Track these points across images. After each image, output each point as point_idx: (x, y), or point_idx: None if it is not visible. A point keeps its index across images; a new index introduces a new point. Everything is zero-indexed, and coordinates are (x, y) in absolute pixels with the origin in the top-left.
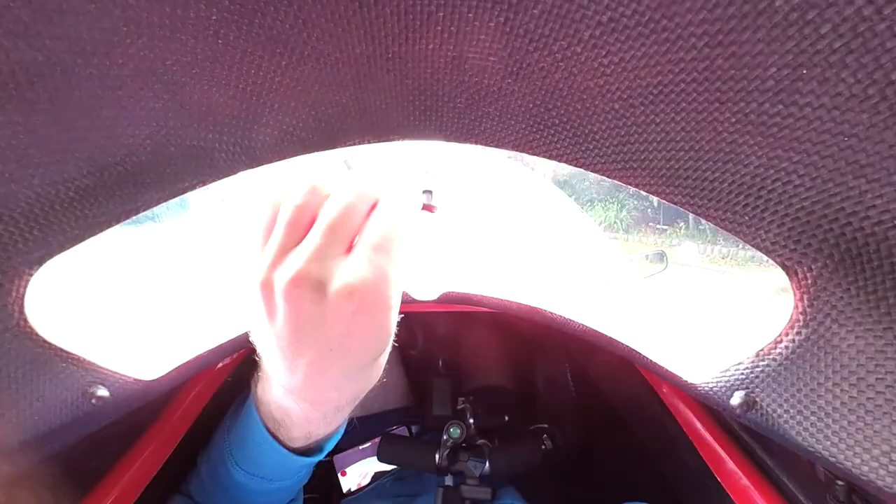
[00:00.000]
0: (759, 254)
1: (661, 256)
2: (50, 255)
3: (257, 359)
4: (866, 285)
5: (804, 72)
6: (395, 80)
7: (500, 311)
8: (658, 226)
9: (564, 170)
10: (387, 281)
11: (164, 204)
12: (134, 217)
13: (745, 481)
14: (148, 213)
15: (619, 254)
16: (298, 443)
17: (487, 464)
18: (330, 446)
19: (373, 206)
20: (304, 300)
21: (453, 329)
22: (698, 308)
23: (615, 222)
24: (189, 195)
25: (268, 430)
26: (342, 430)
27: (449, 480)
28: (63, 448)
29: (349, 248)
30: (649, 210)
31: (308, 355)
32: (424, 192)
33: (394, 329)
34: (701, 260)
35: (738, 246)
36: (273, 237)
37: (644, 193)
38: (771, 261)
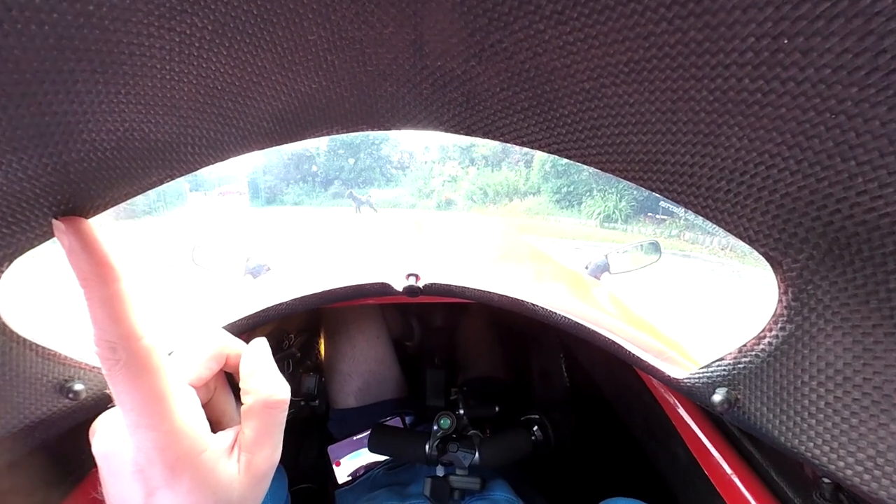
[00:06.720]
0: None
1: (656, 246)
2: (18, 252)
3: None
4: (855, 278)
5: (785, 41)
6: (355, 68)
7: (483, 303)
8: (657, 216)
9: (562, 159)
10: None
11: (161, 200)
12: (132, 212)
13: (732, 474)
14: (145, 206)
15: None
16: None
17: (477, 454)
18: None
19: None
20: None
21: (449, 321)
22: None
23: (614, 212)
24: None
25: None
26: None
27: (439, 471)
28: (45, 442)
29: None
30: (648, 200)
31: None
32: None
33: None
34: (699, 251)
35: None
36: None
37: None
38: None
